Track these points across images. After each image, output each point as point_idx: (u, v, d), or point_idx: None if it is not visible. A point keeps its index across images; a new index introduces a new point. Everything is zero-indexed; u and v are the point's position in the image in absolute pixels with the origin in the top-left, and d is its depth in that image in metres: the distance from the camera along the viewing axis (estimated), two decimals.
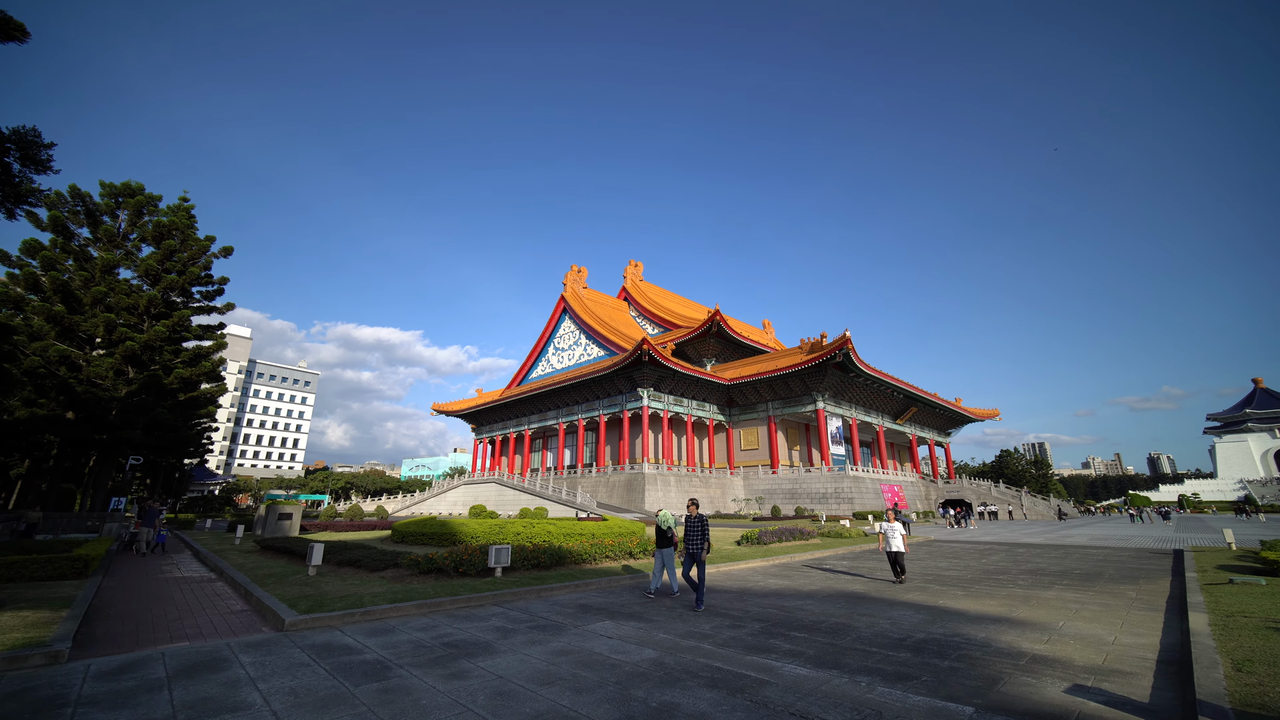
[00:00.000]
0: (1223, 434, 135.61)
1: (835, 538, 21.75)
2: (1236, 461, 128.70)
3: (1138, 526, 37.84)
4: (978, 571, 13.16)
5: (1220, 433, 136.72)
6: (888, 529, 11.62)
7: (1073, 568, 13.81)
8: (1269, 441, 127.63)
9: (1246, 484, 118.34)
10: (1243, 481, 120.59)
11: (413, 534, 17.44)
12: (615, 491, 53.38)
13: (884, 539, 11.66)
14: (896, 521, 11.67)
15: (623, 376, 58.51)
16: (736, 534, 23.45)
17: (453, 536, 16.55)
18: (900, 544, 11.46)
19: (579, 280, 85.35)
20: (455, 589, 8.87)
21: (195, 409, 31.80)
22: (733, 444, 63.51)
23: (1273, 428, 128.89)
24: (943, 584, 10.99)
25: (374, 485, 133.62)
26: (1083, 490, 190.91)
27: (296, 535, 20.51)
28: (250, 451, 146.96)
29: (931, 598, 9.36)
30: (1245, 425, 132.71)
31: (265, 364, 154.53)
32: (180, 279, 29.89)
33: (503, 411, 79.97)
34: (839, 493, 49.22)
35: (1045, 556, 16.44)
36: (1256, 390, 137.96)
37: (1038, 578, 11.98)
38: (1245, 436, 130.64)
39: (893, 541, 11.52)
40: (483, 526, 16.69)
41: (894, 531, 11.53)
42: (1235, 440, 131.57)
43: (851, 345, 51.35)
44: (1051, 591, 9.85)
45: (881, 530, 11.72)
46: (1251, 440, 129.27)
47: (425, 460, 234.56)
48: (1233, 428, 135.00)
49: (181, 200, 32.72)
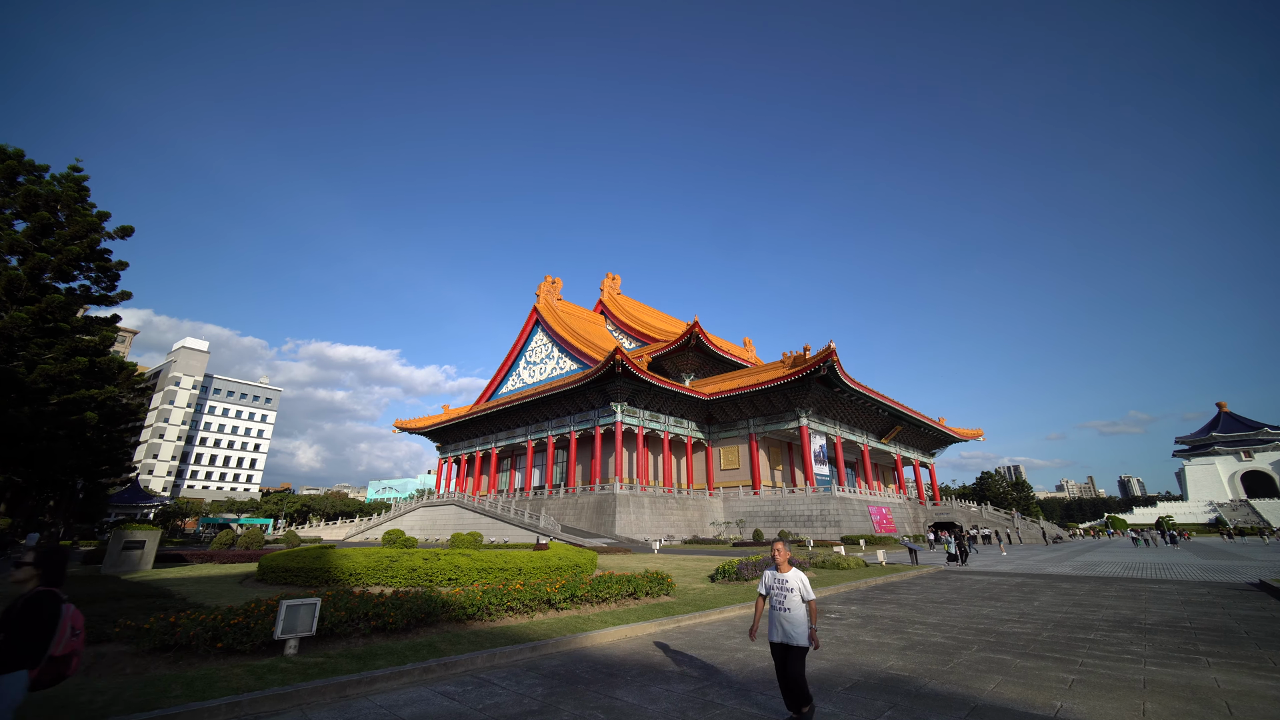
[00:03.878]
0: (1191, 457, 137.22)
1: (831, 569, 17.88)
2: (1206, 484, 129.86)
3: (1147, 551, 34.94)
4: (1046, 624, 9.40)
5: (1189, 456, 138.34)
6: (775, 588, 5.23)
7: (1165, 615, 10.19)
8: (1235, 464, 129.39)
9: (1217, 506, 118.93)
10: (1213, 504, 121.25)
11: (279, 569, 13.01)
12: (584, 514, 48.66)
13: (768, 609, 5.27)
14: (792, 572, 5.24)
15: (595, 390, 54.34)
16: (711, 565, 19.32)
17: (326, 573, 12.19)
18: (799, 625, 5.02)
19: (553, 291, 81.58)
20: (162, 690, 4.77)
21: (74, 413, 26.53)
22: (712, 463, 59.49)
23: (1238, 451, 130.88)
24: (1018, 652, 7.17)
25: (334, 508, 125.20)
26: (1058, 513, 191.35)
27: (137, 572, 15.69)
28: (203, 472, 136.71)
29: (1028, 688, 5.58)
30: (1212, 449, 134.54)
31: (223, 379, 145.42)
32: (56, 259, 25.12)
33: (469, 429, 74.70)
34: (825, 515, 45.44)
35: (1105, 596, 12.83)
36: (1221, 414, 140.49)
37: (1145, 637, 8.23)
38: (1213, 459, 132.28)
39: (781, 621, 5.08)
40: (369, 560, 12.33)
41: (786, 594, 5.14)
42: (1203, 463, 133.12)
43: (836, 358, 48.38)
44: (1212, 672, 6.15)
45: (766, 589, 5.32)
46: (1219, 463, 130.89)
47: (393, 482, 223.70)
48: (1200, 451, 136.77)
49: (71, 169, 28.07)
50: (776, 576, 5.29)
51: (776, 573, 5.32)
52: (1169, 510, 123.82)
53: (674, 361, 67.93)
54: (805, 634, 5.00)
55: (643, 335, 75.84)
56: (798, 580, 5.16)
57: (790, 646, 5.01)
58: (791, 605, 5.10)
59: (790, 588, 5.17)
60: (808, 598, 5.12)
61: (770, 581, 5.32)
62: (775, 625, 5.14)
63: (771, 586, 5.28)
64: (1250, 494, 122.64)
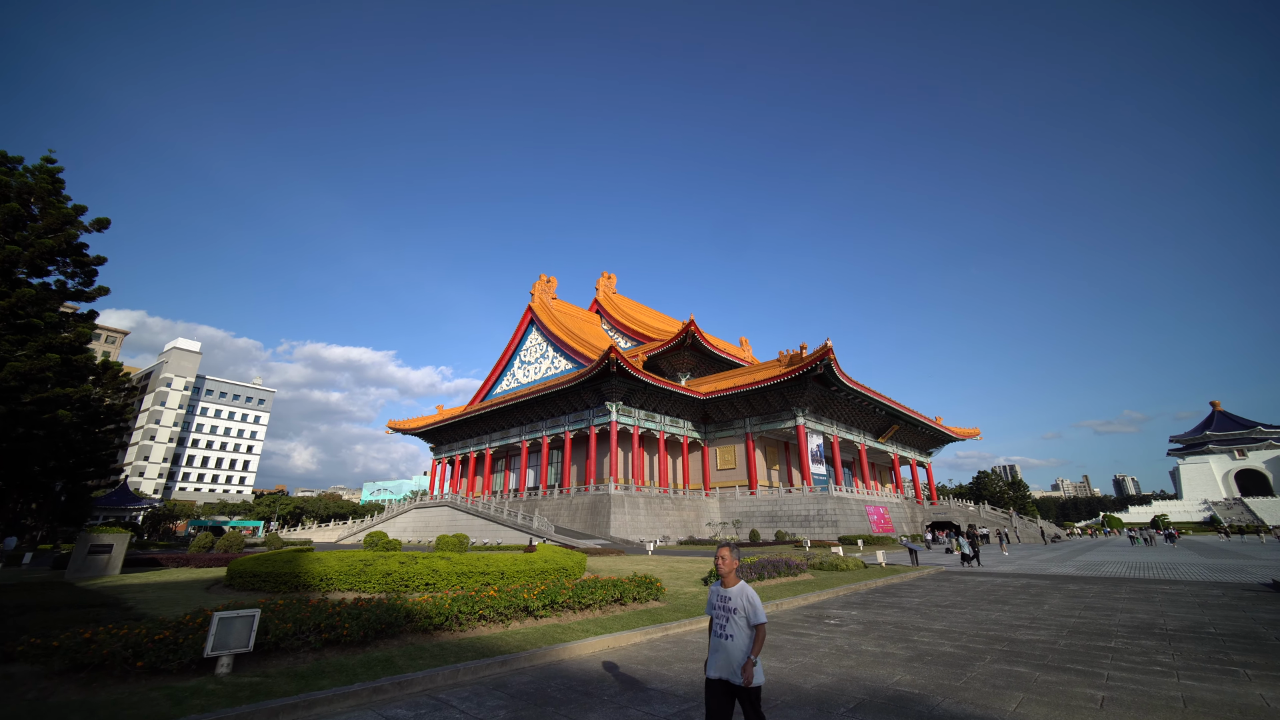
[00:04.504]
0: (1185, 456, 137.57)
1: (830, 570, 17.25)
2: (1200, 483, 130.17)
3: (1147, 550, 34.49)
4: (1061, 630, 8.79)
5: (1183, 454, 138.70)
6: (717, 607, 4.07)
7: (1184, 619, 9.61)
8: (1229, 463, 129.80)
9: (1211, 505, 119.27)
10: (1207, 502, 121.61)
11: (247, 574, 12.26)
12: (578, 515, 47.95)
13: (710, 634, 4.13)
14: (739, 587, 4.00)
15: (590, 390, 53.63)
16: (705, 567, 18.67)
17: (297, 578, 11.46)
18: (743, 658, 3.80)
19: (548, 290, 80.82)
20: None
21: (49, 412, 25.61)
22: (708, 463, 58.85)
23: (1232, 449, 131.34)
24: (1037, 663, 6.54)
25: (327, 510, 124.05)
26: (1054, 512, 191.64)
27: (102, 578, 14.92)
28: (195, 475, 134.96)
29: (1055, 708, 4.92)
30: (1206, 447, 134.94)
31: (215, 380, 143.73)
32: (28, 252, 24.20)
33: (463, 429, 73.83)
34: (822, 515, 44.88)
35: (1116, 599, 12.25)
36: (1215, 413, 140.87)
37: (1170, 645, 7.61)
38: (1207, 458, 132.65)
39: (723, 652, 3.87)
40: (342, 564, 11.61)
41: (729, 615, 3.95)
42: (1198, 462, 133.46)
43: (833, 356, 47.85)
44: (1255, 687, 5.53)
45: (710, 608, 4.16)
46: (1213, 461, 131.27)
47: (388, 484, 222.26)
48: (1194, 450, 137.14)
49: (45, 161, 27.14)
50: (719, 592, 4.04)
51: (720, 587, 4.05)
52: (1164, 509, 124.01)
53: (670, 361, 67.30)
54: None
55: (638, 334, 75.18)
56: (743, 599, 3.89)
57: (735, 687, 3.73)
58: (735, 631, 3.83)
59: (733, 607, 3.89)
60: (755, 621, 3.84)
61: (713, 599, 4.09)
62: (715, 656, 3.87)
63: (714, 605, 4.04)
64: (1244, 492, 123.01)
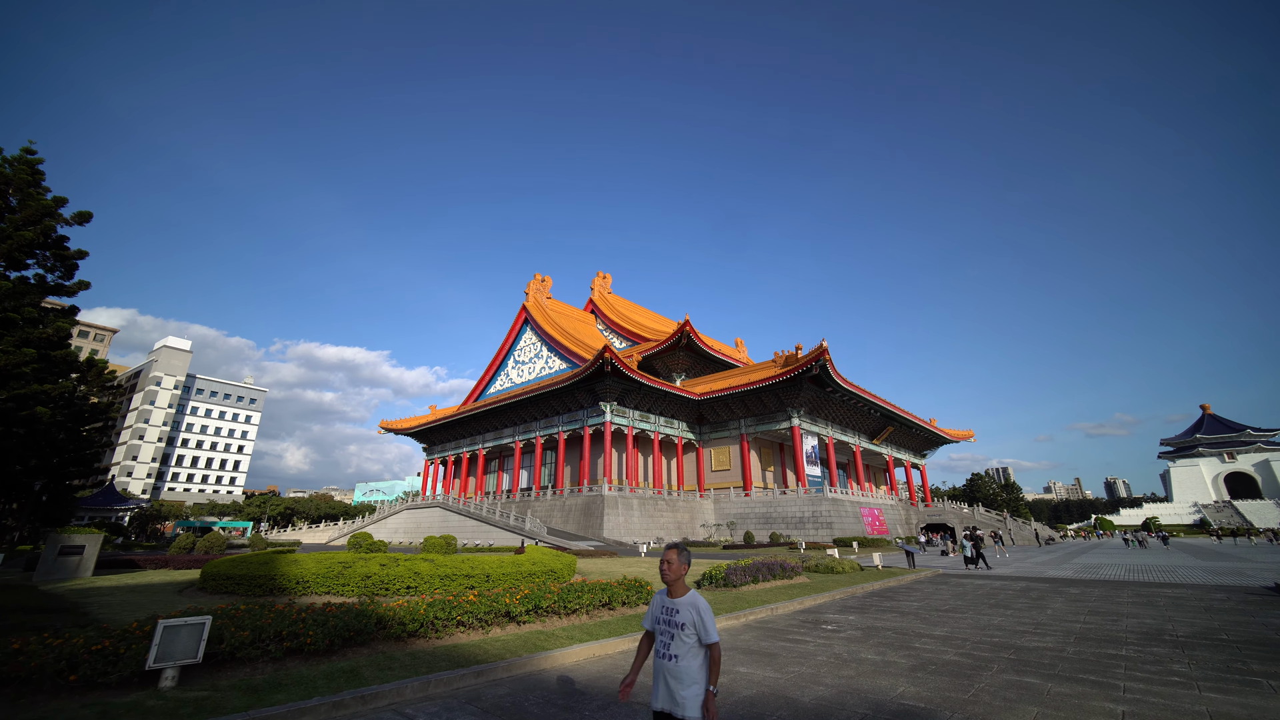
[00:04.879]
0: (1176, 459, 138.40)
1: (826, 573, 16.88)
2: (1190, 485, 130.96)
3: (1143, 553, 34.42)
4: (1068, 636, 8.42)
5: (1174, 457, 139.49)
6: (662, 621, 3.31)
7: (1194, 625, 9.27)
8: (1219, 465, 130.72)
9: (1201, 507, 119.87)
10: (1197, 505, 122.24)
11: (221, 576, 11.72)
12: (571, 516, 47.42)
13: (652, 654, 3.40)
14: (688, 597, 3.26)
15: (584, 390, 53.13)
16: (698, 569, 18.22)
17: (272, 581, 10.94)
18: (689, 685, 3.08)
19: (542, 290, 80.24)
20: None
21: (26, 409, 24.89)
22: (703, 464, 58.46)
23: (1221, 452, 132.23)
24: (1047, 673, 6.13)
25: (319, 511, 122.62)
26: (1046, 514, 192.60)
27: (71, 580, 14.32)
28: (185, 475, 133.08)
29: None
30: (1196, 450, 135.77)
31: (206, 379, 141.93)
32: (6, 245, 23.46)
33: (456, 429, 73.09)
34: (817, 517, 44.56)
35: (1120, 603, 11.94)
36: (1205, 416, 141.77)
37: (1183, 653, 7.31)
38: (1197, 461, 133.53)
39: (666, 676, 3.16)
40: (320, 566, 11.11)
41: (673, 632, 3.21)
42: (1188, 464, 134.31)
43: (829, 357, 47.60)
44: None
45: (652, 622, 3.43)
46: (1203, 464, 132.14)
47: (380, 484, 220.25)
48: (1185, 452, 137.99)
49: (25, 151, 26.43)
50: (664, 602, 3.25)
51: (665, 597, 3.28)
52: (1155, 511, 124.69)
53: (665, 361, 66.90)
54: (698, 701, 2.98)
55: (633, 335, 74.74)
56: (693, 611, 3.11)
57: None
58: (681, 650, 3.07)
59: (680, 621, 3.12)
60: (707, 640, 3.07)
61: (655, 610, 3.30)
62: (658, 682, 3.12)
63: (658, 619, 3.25)
64: (1233, 495, 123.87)
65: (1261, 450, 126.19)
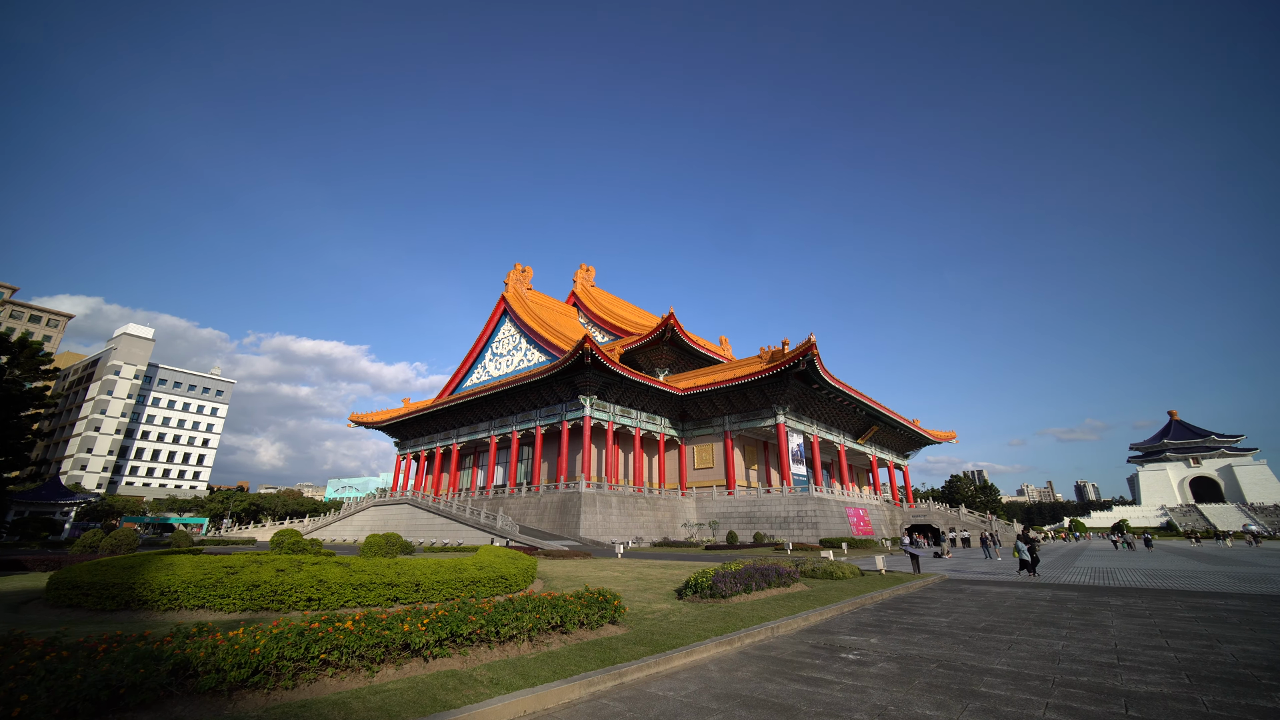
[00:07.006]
0: (1144, 463, 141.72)
1: (825, 579, 14.91)
2: (1158, 489, 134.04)
3: (1134, 555, 33.60)
4: (1171, 671, 6.40)
5: (1142, 462, 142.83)
6: None
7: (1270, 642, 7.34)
8: (1185, 470, 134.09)
9: (1167, 510, 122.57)
10: (1164, 508, 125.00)
11: (71, 584, 9.16)
12: (546, 514, 45.00)
13: None
14: None
15: (563, 383, 50.71)
16: (680, 574, 16.11)
17: (131, 591, 8.48)
18: None
19: (523, 280, 77.48)
20: None
21: None
22: (685, 462, 56.51)
23: (1188, 457, 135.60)
24: None
25: (286, 507, 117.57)
26: (1019, 515, 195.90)
27: None
28: (144, 468, 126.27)
29: None
30: (1164, 455, 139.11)
31: (169, 369, 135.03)
32: None
33: (430, 423, 69.92)
34: (802, 516, 42.95)
35: (1181, 618, 10.08)
36: (1172, 422, 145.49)
37: None
38: (1164, 465, 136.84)
39: None
40: (199, 571, 8.66)
41: None
42: (1155, 469, 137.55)
43: (816, 352, 46.07)
44: None
45: None
46: (1170, 469, 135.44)
47: (354, 481, 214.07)
48: (1153, 457, 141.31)
49: None
50: None
51: None
52: (1124, 514, 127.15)
53: (648, 356, 64.81)
54: None
55: (616, 329, 72.52)
56: None
57: None
58: None
59: None
60: None
61: None
62: None
63: None
64: (1198, 499, 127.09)
65: (1225, 456, 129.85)
